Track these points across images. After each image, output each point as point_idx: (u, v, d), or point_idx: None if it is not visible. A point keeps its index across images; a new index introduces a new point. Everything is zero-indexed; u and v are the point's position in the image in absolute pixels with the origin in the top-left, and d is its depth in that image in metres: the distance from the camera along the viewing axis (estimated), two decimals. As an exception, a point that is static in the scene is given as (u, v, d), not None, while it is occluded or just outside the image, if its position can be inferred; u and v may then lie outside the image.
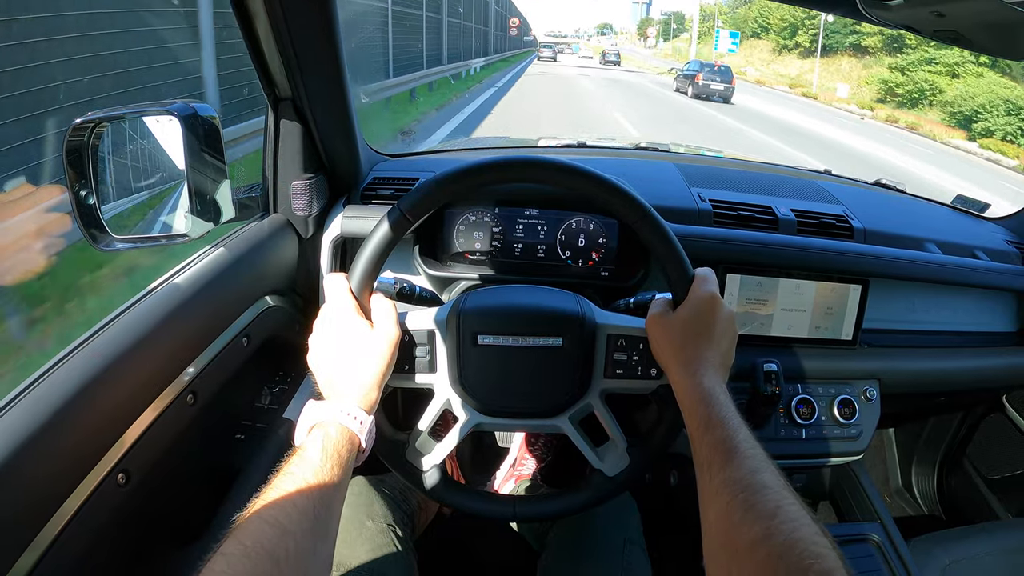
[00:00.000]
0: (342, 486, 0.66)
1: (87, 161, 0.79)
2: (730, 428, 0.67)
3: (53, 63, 3.04)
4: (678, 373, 0.77)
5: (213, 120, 0.87)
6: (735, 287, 1.20)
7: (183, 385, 0.88)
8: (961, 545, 1.29)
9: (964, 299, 1.41)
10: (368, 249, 0.79)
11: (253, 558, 0.53)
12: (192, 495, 1.00)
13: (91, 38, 3.43)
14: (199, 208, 0.87)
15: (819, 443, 1.23)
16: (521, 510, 0.90)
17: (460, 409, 0.87)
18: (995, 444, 1.67)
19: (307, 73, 1.05)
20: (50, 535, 0.66)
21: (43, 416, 0.67)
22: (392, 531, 1.04)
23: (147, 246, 0.89)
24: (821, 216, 1.32)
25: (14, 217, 0.68)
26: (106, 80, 3.48)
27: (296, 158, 1.16)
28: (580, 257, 1.25)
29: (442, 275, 1.22)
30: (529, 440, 1.59)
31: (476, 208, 1.24)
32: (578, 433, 0.88)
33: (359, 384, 0.74)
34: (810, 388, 1.24)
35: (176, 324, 0.88)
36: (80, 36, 3.31)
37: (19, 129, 2.79)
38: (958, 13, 0.92)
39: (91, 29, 3.45)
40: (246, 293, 1.07)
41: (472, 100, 14.45)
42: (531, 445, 1.60)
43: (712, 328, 0.79)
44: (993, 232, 1.56)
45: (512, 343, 0.85)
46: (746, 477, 0.61)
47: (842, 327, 1.24)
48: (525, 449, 1.60)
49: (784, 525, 0.54)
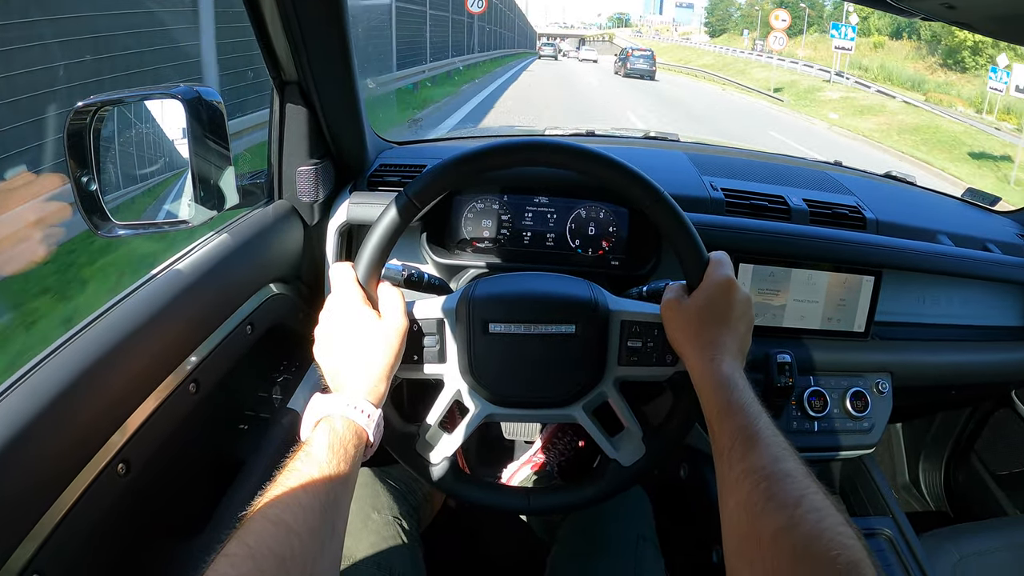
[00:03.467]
0: (349, 482, 0.64)
1: (89, 145, 0.78)
2: (751, 414, 0.66)
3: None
4: (695, 358, 0.75)
5: (217, 104, 0.86)
6: (748, 277, 1.19)
7: (185, 373, 0.87)
8: (972, 540, 1.28)
9: (976, 292, 1.40)
10: (374, 237, 0.77)
11: (258, 559, 0.51)
12: (194, 485, 0.99)
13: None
14: (202, 194, 0.86)
15: (831, 436, 1.21)
16: (535, 502, 0.89)
17: (470, 400, 0.85)
18: (1003, 439, 1.66)
19: (313, 56, 1.03)
20: (49, 524, 0.65)
21: (42, 403, 0.65)
22: (398, 523, 1.03)
23: (149, 232, 0.88)
24: (834, 207, 1.30)
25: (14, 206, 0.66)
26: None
27: (302, 143, 1.14)
28: (590, 246, 1.23)
29: (450, 263, 1.20)
30: (553, 436, 1.57)
31: (484, 195, 1.22)
32: (592, 422, 0.86)
33: (367, 376, 0.72)
34: (822, 380, 1.23)
35: (179, 311, 0.87)
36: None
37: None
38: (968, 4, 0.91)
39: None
40: (250, 280, 1.05)
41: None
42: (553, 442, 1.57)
43: (729, 312, 0.77)
44: (1004, 225, 1.54)
45: (524, 331, 0.83)
46: (768, 465, 0.60)
47: (854, 319, 1.23)
48: (547, 443, 1.57)
49: (809, 515, 0.53)
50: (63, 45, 3.07)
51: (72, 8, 3.25)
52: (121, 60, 3.58)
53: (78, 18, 3.27)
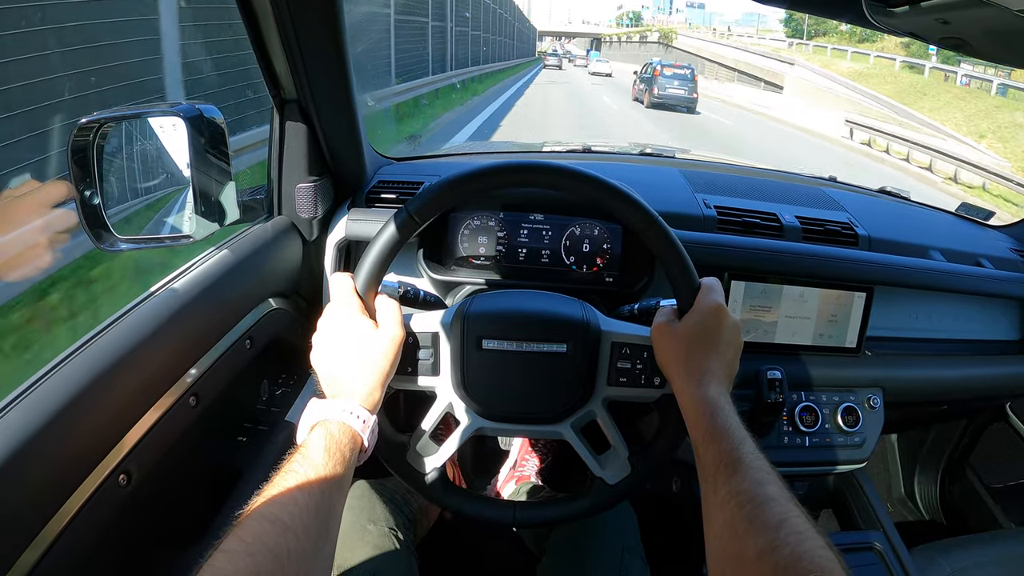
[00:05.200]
0: (344, 484, 0.66)
1: (92, 161, 0.79)
2: (735, 439, 0.67)
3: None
4: (682, 382, 0.77)
5: (218, 122, 0.87)
6: (739, 294, 1.20)
7: (186, 387, 0.88)
8: (964, 553, 1.29)
9: (968, 307, 1.41)
10: (375, 250, 0.79)
11: (255, 555, 0.53)
12: (194, 497, 1.00)
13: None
14: (203, 209, 0.88)
15: (823, 451, 1.22)
16: (521, 516, 0.90)
17: (462, 413, 0.87)
18: (998, 452, 1.66)
19: (313, 74, 1.05)
20: (51, 534, 0.66)
21: (45, 415, 0.67)
22: (394, 535, 1.04)
23: (151, 247, 0.89)
24: (826, 223, 1.32)
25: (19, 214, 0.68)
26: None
27: (301, 160, 1.16)
28: (584, 263, 1.24)
29: (446, 279, 1.22)
30: (530, 440, 1.59)
31: (481, 212, 1.23)
32: (579, 440, 0.87)
33: (362, 383, 0.74)
34: (814, 396, 1.24)
35: (179, 326, 0.88)
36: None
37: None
38: (963, 21, 0.92)
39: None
40: (249, 295, 1.07)
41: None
42: (532, 445, 1.60)
43: (717, 338, 0.78)
44: (997, 240, 1.56)
45: (516, 348, 0.84)
46: (751, 489, 0.61)
47: (846, 335, 1.24)
48: (526, 449, 1.60)
49: (790, 537, 0.55)
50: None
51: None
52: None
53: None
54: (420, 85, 12.19)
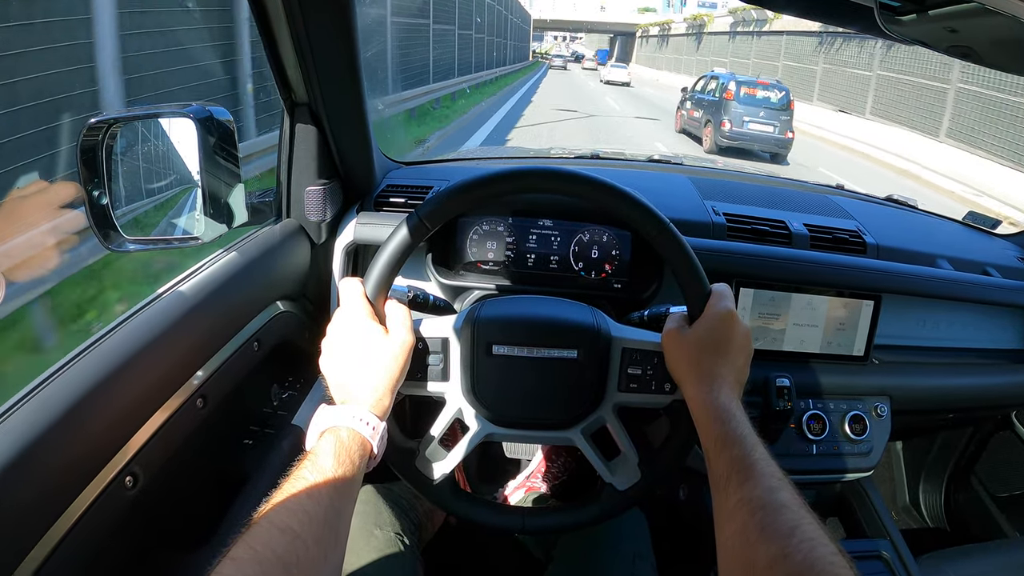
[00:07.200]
0: (353, 491, 0.66)
1: (101, 161, 0.79)
2: (747, 446, 0.67)
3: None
4: (693, 389, 0.76)
5: (228, 123, 0.87)
6: (748, 301, 1.20)
7: (193, 389, 0.88)
8: (970, 562, 1.29)
9: (975, 316, 1.41)
10: (385, 255, 0.78)
11: (263, 563, 0.52)
12: (200, 499, 1.00)
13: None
14: (212, 211, 0.87)
15: (830, 459, 1.22)
16: (529, 522, 0.90)
17: (472, 419, 0.87)
18: (1004, 461, 1.66)
19: (324, 78, 1.05)
20: (57, 535, 0.66)
21: (52, 416, 0.66)
22: (400, 540, 1.03)
23: (159, 248, 0.89)
24: (834, 231, 1.32)
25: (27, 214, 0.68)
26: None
27: (311, 163, 1.16)
28: (593, 269, 1.24)
29: (454, 284, 1.21)
30: (549, 457, 1.57)
31: (490, 217, 1.23)
32: (589, 446, 0.87)
33: (372, 389, 0.73)
34: (821, 404, 1.23)
35: (187, 328, 0.88)
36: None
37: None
38: (971, 29, 0.92)
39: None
40: (257, 298, 1.07)
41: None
42: (551, 462, 1.58)
43: (728, 344, 0.78)
44: (1004, 249, 1.55)
45: (527, 354, 0.84)
46: (763, 496, 0.61)
47: (854, 343, 1.24)
48: (544, 464, 1.58)
49: (802, 545, 0.54)
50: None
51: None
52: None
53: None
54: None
